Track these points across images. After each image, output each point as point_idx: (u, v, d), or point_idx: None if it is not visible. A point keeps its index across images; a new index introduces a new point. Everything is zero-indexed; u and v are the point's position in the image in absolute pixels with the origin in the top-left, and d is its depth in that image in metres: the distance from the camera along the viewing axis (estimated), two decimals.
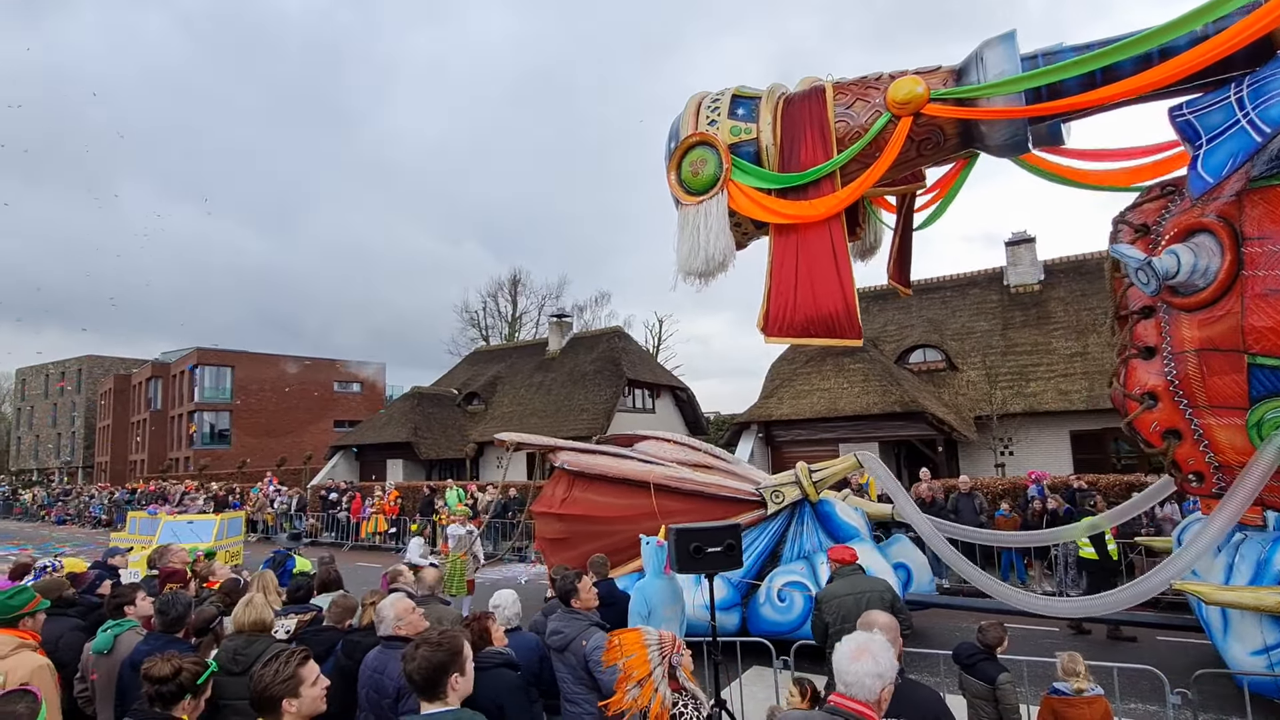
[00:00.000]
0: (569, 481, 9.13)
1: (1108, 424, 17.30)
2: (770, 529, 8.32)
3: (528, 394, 28.01)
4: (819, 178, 7.12)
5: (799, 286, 7.15)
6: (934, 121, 6.86)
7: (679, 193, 7.48)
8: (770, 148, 7.31)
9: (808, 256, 7.18)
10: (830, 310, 7.04)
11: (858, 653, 2.46)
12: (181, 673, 2.83)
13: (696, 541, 5.33)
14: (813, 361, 19.99)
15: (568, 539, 8.86)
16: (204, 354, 45.49)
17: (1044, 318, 19.48)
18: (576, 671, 3.97)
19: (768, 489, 8.31)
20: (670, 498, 8.41)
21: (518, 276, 50.40)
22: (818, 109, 7.27)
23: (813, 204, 7.16)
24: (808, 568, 7.90)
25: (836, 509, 8.34)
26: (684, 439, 10.16)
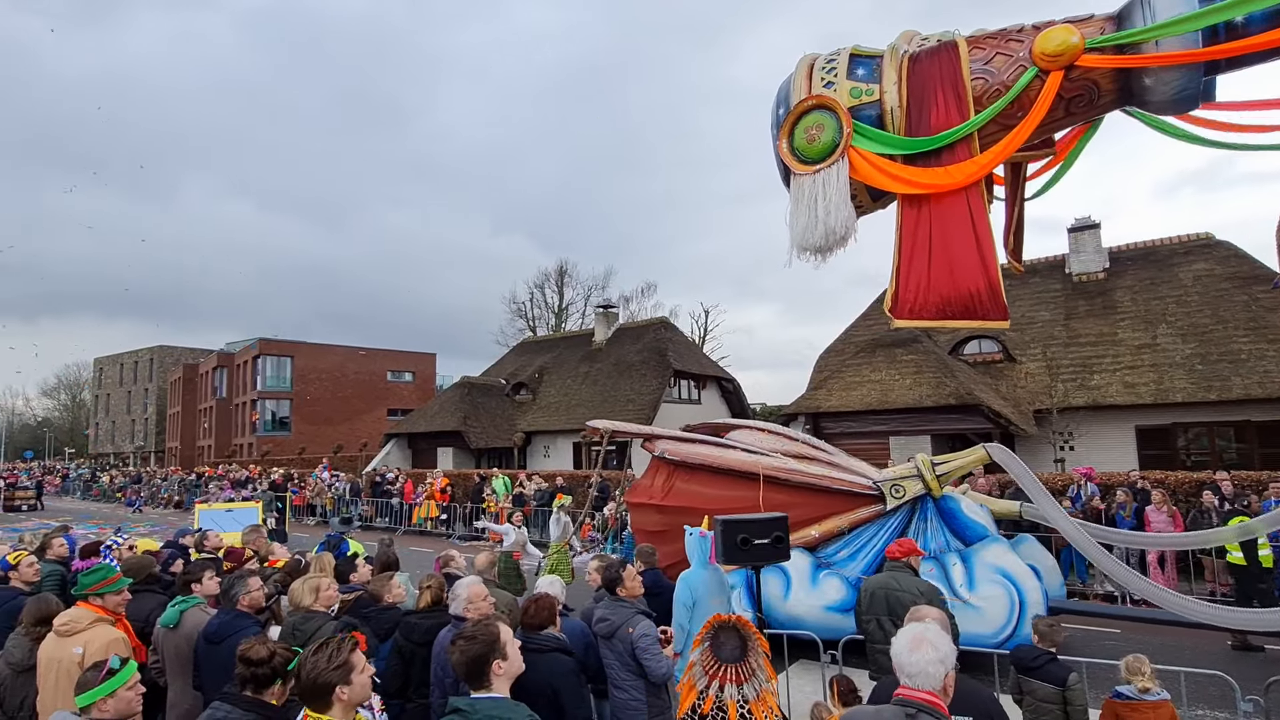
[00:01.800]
0: (669, 472, 8.67)
1: (1176, 419, 16.51)
2: (889, 525, 7.72)
3: (574, 384, 28.25)
4: (954, 142, 6.48)
5: (933, 263, 6.54)
6: (1088, 75, 6.18)
7: (792, 162, 6.90)
8: (896, 110, 6.70)
9: (942, 229, 6.56)
10: (971, 289, 6.41)
11: (916, 643, 2.44)
12: (275, 657, 2.88)
13: (744, 533, 5.30)
14: (863, 353, 19.60)
15: (668, 532, 8.18)
16: (266, 344, 47.28)
17: (1109, 307, 18.65)
18: (624, 658, 4.01)
19: (886, 483, 7.73)
20: (779, 490, 7.90)
21: (564, 268, 50.89)
22: (951, 66, 6.59)
23: (948, 170, 6.50)
24: (938, 569, 7.23)
25: (962, 505, 7.74)
26: (778, 429, 9.60)
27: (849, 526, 7.65)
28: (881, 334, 20.17)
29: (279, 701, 2.91)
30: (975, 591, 6.89)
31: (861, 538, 7.66)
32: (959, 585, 6.96)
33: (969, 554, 7.21)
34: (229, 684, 2.98)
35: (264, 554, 6.41)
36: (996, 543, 7.40)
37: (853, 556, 7.64)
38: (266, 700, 2.86)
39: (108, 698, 2.76)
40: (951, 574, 7.09)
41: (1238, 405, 15.59)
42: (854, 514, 7.68)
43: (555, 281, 50.53)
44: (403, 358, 54.27)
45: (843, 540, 7.73)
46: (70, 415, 78.78)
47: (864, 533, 7.69)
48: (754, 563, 5.52)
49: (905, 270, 6.66)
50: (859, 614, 5.43)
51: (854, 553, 7.66)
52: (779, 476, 7.96)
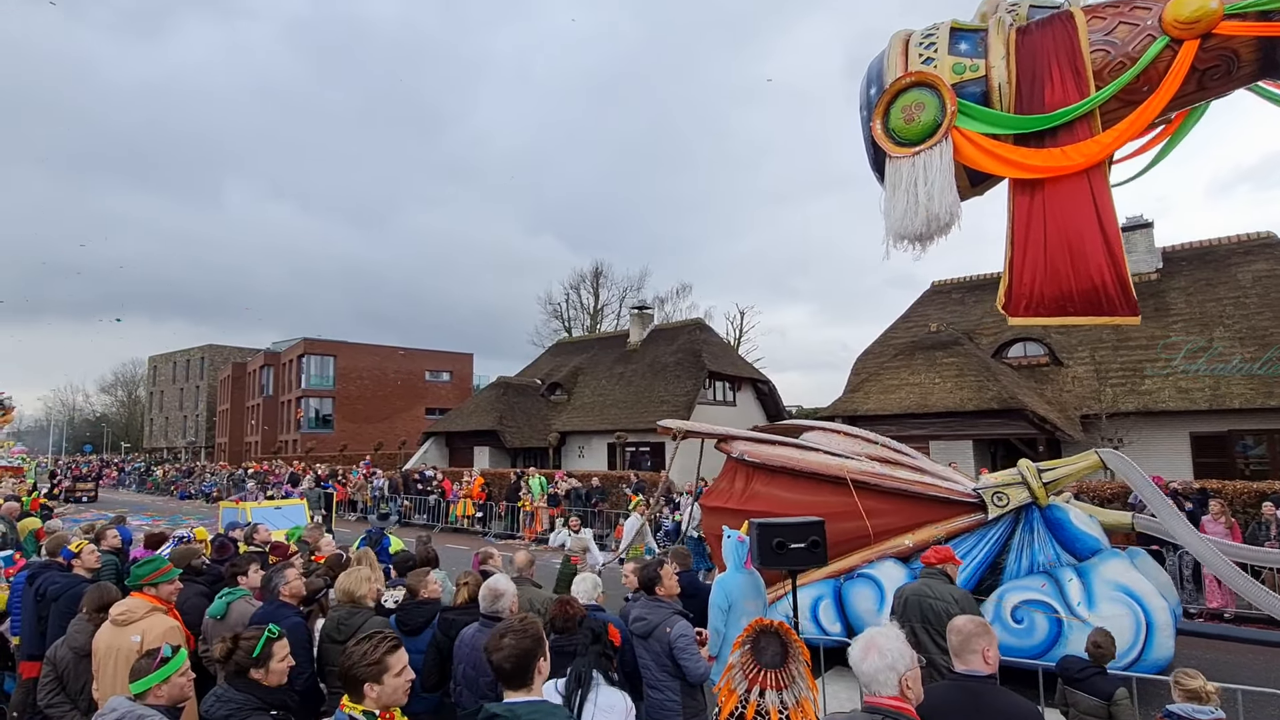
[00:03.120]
0: (748, 474, 8.25)
1: (1234, 425, 15.86)
2: (990, 536, 7.15)
3: (609, 385, 28.35)
4: (1072, 119, 5.91)
5: (1050, 254, 6.02)
6: (1227, 44, 5.64)
7: (887, 144, 6.45)
8: (1004, 86, 6.19)
9: (1061, 216, 6.01)
10: (1096, 281, 5.86)
11: (865, 650, 2.46)
12: (236, 650, 2.98)
13: (780, 537, 5.26)
14: (902, 355, 19.27)
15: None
16: (310, 344, 48.53)
17: (1161, 309, 18.01)
18: (660, 659, 4.01)
19: (988, 490, 7.16)
20: (868, 496, 7.42)
21: (599, 269, 51.15)
22: (1067, 38, 6.06)
23: (1065, 152, 5.94)
24: (1052, 585, 6.63)
25: (1071, 516, 7.08)
26: (856, 431, 9.12)
27: (946, 536, 7.13)
28: (921, 336, 19.81)
29: (271, 682, 3.00)
30: (1095, 611, 6.32)
31: (960, 549, 7.03)
32: (1076, 603, 6.40)
33: (1087, 569, 6.63)
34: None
35: (314, 548, 6.56)
36: (1117, 557, 6.75)
37: None
38: (258, 682, 2.96)
39: (162, 684, 2.88)
40: (1067, 590, 6.48)
41: None
42: (951, 523, 7.17)
43: (590, 282, 50.86)
44: (441, 358, 55.16)
45: None
46: (126, 411, 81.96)
47: (962, 543, 7.11)
48: (789, 567, 5.48)
49: (1019, 262, 6.16)
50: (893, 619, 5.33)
51: None
52: (868, 481, 7.48)
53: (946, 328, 19.96)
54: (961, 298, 22.25)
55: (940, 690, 2.90)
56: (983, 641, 3.01)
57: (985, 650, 2.98)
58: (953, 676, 3.04)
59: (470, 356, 57.69)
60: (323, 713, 3.17)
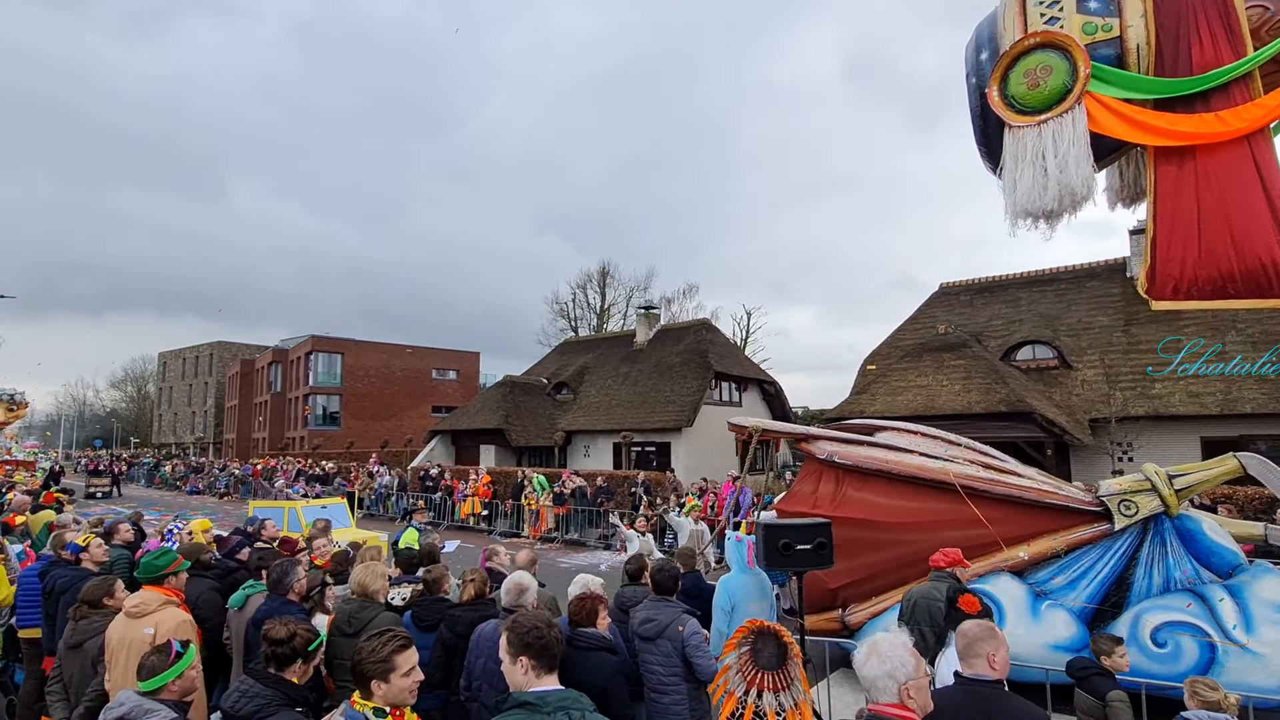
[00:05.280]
0: (837, 478, 7.57)
1: (1245, 430, 15.72)
2: (1117, 548, 6.51)
3: (615, 384, 28.37)
4: (1226, 82, 5.37)
5: (1206, 230, 5.44)
6: None
7: (1006, 112, 5.94)
8: (1143, 47, 5.68)
9: (1217, 188, 5.43)
10: (1264, 259, 5.29)
11: (867, 655, 2.45)
12: (295, 637, 3.00)
13: (785, 538, 5.25)
14: (909, 357, 19.20)
15: (841, 546, 7.35)
16: (318, 341, 48.74)
17: (1173, 313, 17.82)
18: (670, 659, 4.00)
19: (1113, 498, 6.53)
20: (977, 503, 6.83)
21: (606, 268, 51.18)
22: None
23: (1221, 117, 5.38)
24: (1199, 605, 5.93)
25: (1204, 527, 6.47)
26: (933, 431, 8.48)
27: (1065, 548, 6.60)
28: (929, 338, 19.73)
29: (300, 680, 3.01)
30: (1255, 635, 5.71)
31: (1082, 562, 6.54)
32: (1232, 627, 5.77)
33: (1239, 588, 5.97)
34: (255, 660, 3.11)
35: (314, 550, 6.46)
36: (1272, 574, 6.09)
37: (1072, 584, 6.49)
38: (287, 678, 2.95)
39: (175, 680, 2.91)
40: (1220, 611, 5.83)
41: None
42: (1071, 533, 6.58)
43: (597, 282, 50.90)
44: (447, 356, 55.31)
45: (1057, 565, 6.60)
46: (136, 406, 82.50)
47: (1085, 556, 6.54)
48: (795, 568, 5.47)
49: (1165, 240, 5.62)
50: (901, 622, 5.30)
51: (1073, 580, 6.51)
52: (977, 487, 6.88)
53: (954, 330, 19.88)
54: (970, 300, 22.15)
55: (947, 694, 2.90)
56: (988, 646, 2.99)
57: (991, 655, 2.96)
58: (959, 680, 3.03)
59: (477, 355, 57.82)
60: (326, 707, 3.18)
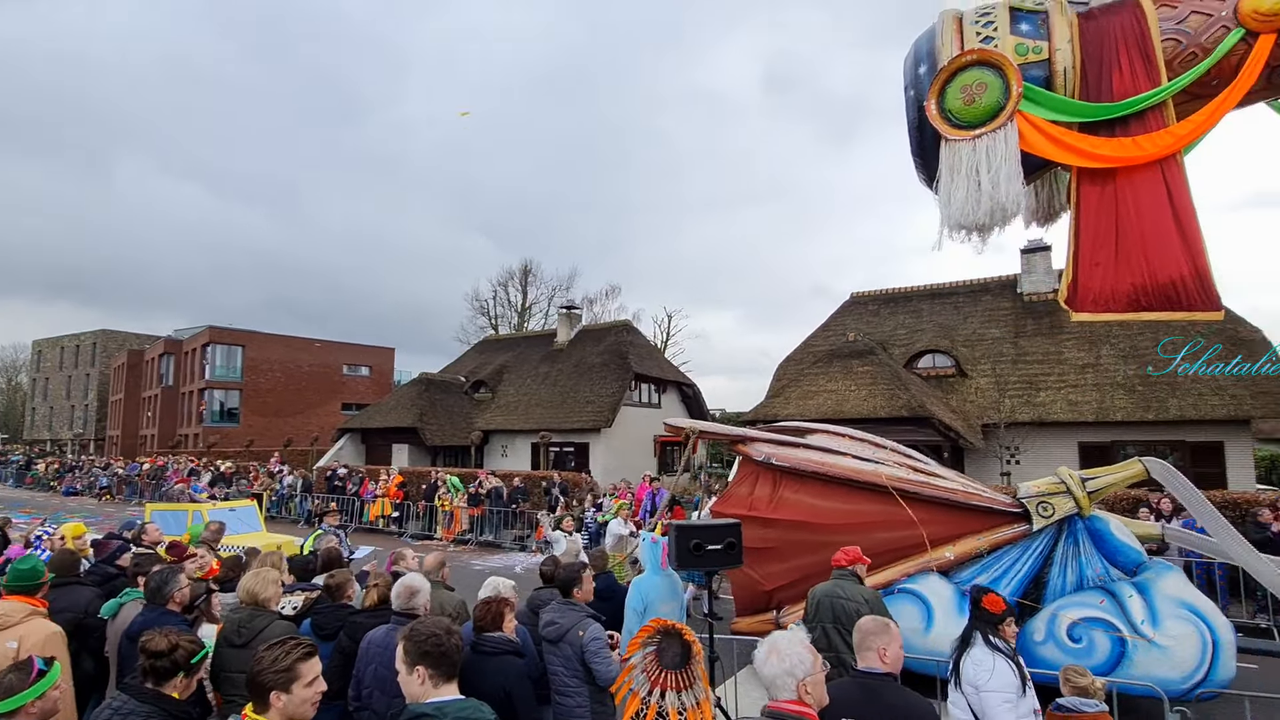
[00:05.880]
0: (774, 480, 7.60)
1: (1116, 436, 17.20)
2: (1035, 548, 6.77)
3: (534, 384, 28.10)
4: (1143, 109, 5.72)
5: (1122, 247, 5.77)
6: None
7: (943, 126, 6.09)
8: (1069, 71, 5.92)
9: (1132, 209, 5.77)
10: (1172, 276, 5.63)
11: (768, 654, 2.53)
12: (178, 649, 2.80)
13: (697, 538, 5.35)
14: (820, 363, 19.94)
15: (777, 548, 7.25)
16: (216, 333, 45.84)
17: (1056, 327, 19.34)
18: (571, 663, 4.00)
19: (1032, 499, 6.79)
20: (909, 505, 7.02)
21: (529, 267, 50.63)
22: (1136, 25, 5.84)
23: (1137, 142, 5.71)
24: (1111, 602, 6.21)
25: (1112, 527, 6.78)
26: (861, 434, 8.65)
27: (988, 548, 6.84)
28: (839, 345, 20.54)
29: (182, 695, 2.81)
30: (1160, 629, 6.00)
31: (1003, 561, 6.80)
32: (1140, 621, 6.04)
33: (1146, 584, 6.30)
34: (131, 674, 2.88)
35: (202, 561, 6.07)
36: (1173, 571, 6.45)
37: (994, 583, 6.64)
38: (167, 693, 2.75)
39: (35, 700, 2.64)
40: (1129, 607, 6.11)
41: (1173, 425, 16.33)
42: (994, 534, 6.83)
43: (519, 280, 50.28)
44: (360, 351, 53.22)
45: (980, 564, 6.85)
46: (5, 399, 75.18)
47: (1005, 555, 6.80)
48: (706, 568, 5.58)
49: (1088, 256, 5.86)
50: (806, 622, 5.47)
51: (995, 578, 6.74)
52: (907, 489, 7.07)
53: (863, 338, 20.79)
54: (878, 309, 23.25)
55: (840, 687, 3.04)
56: (880, 640, 3.15)
57: (883, 650, 3.11)
58: (853, 674, 3.18)
59: (392, 351, 55.91)
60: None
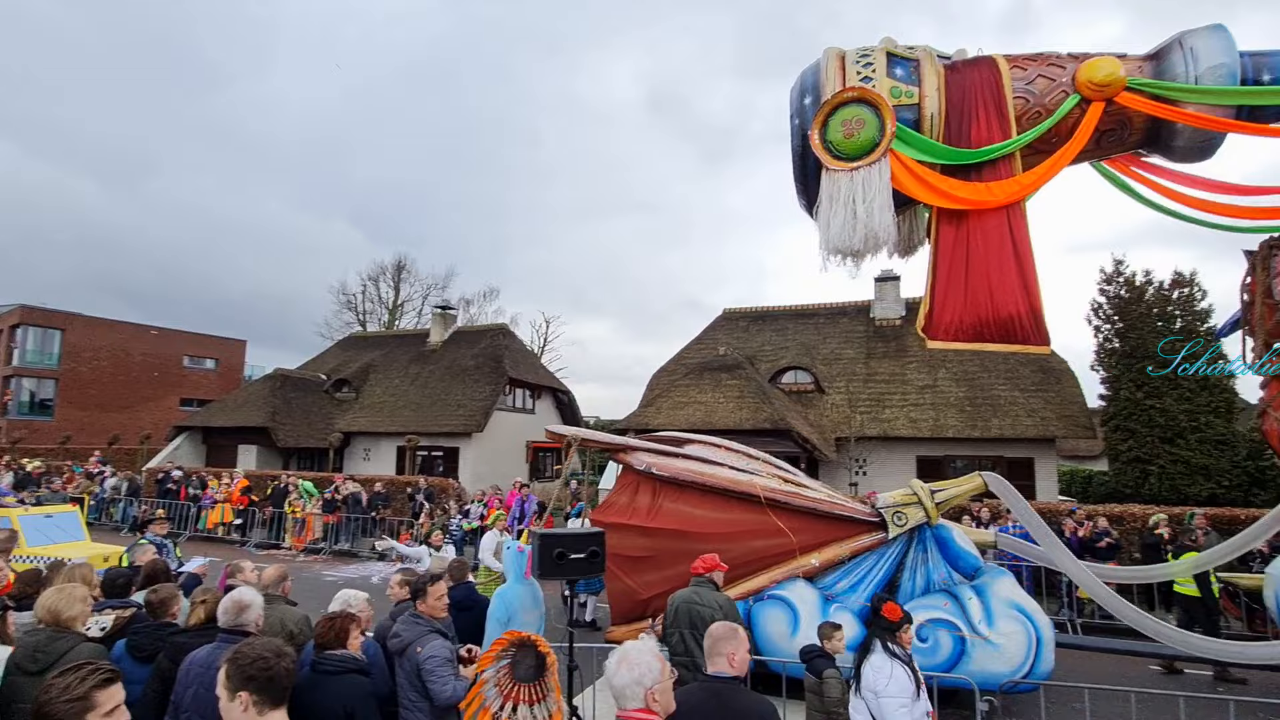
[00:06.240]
0: (654, 489, 7.72)
1: (948, 451, 19.04)
2: (890, 554, 7.21)
3: (403, 385, 26.94)
4: (995, 158, 6.26)
5: (971, 283, 6.27)
6: (1124, 112, 6.23)
7: (825, 156, 6.40)
8: (935, 117, 6.39)
9: (982, 248, 6.27)
10: (1011, 312, 6.20)
11: (618, 664, 2.59)
12: None
13: (560, 547, 5.36)
14: (691, 375, 20.60)
15: (654, 557, 7.37)
16: (29, 313, 40.17)
17: (901, 350, 21.16)
18: (412, 679, 3.87)
19: (889, 509, 7.23)
20: (780, 514, 7.30)
21: (403, 262, 48.40)
22: (993, 81, 6.40)
23: (989, 187, 6.22)
24: (954, 604, 6.66)
25: (954, 534, 7.28)
26: (738, 446, 8.87)
27: (849, 555, 7.22)
28: (710, 358, 21.32)
29: None
30: (995, 628, 6.48)
31: (862, 567, 7.21)
32: (977, 621, 6.50)
33: (983, 588, 6.83)
34: None
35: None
36: (1005, 575, 7.05)
37: (854, 588, 7.14)
38: None
39: None
40: (968, 609, 6.57)
41: (995, 442, 18.31)
42: (855, 541, 7.22)
43: (392, 276, 47.96)
44: (205, 342, 48.55)
45: (841, 570, 7.25)
46: None
47: (864, 562, 7.22)
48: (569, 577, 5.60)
49: (943, 289, 6.38)
50: (665, 628, 5.61)
51: (855, 583, 7.16)
52: (779, 499, 7.35)
53: (733, 352, 21.71)
54: (747, 326, 24.39)
55: (689, 692, 3.16)
56: (729, 645, 3.28)
57: (731, 654, 3.24)
58: (702, 678, 3.31)
59: (243, 344, 51.45)
60: None
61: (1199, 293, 17.11)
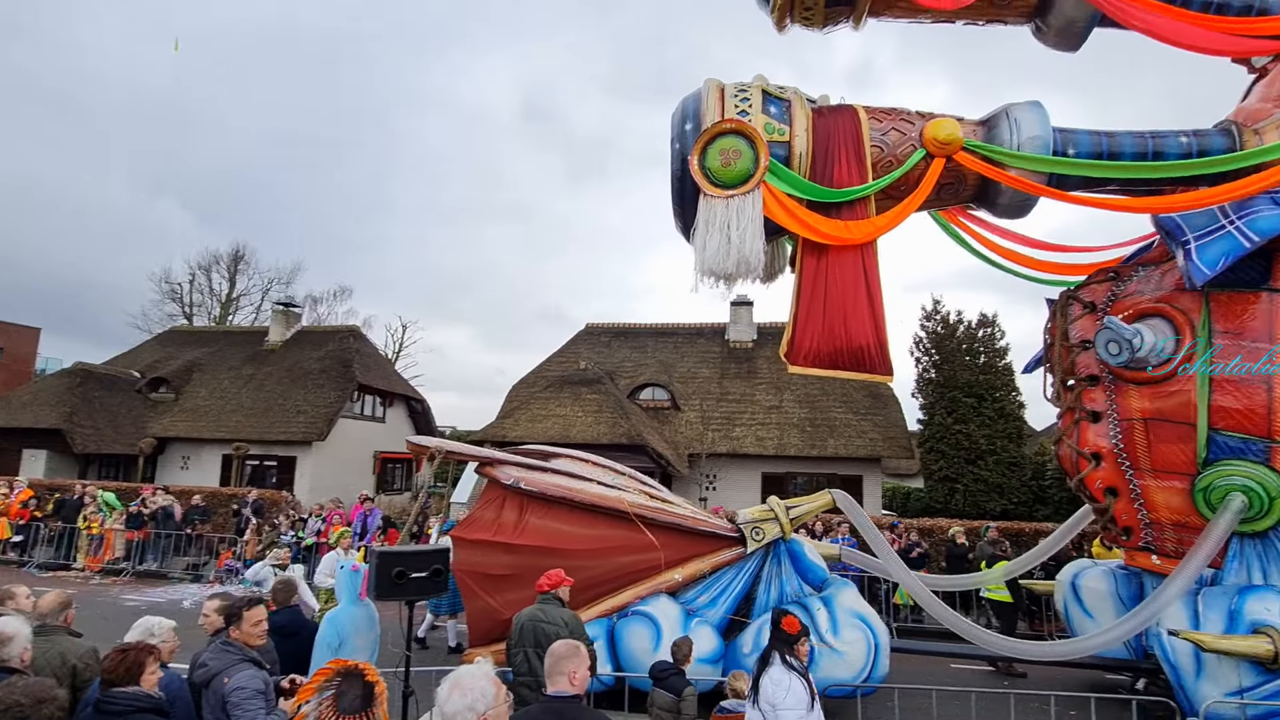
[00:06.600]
0: (520, 505, 7.50)
1: (790, 468, 20.32)
2: (748, 568, 7.45)
3: (234, 387, 24.58)
4: (854, 200, 6.74)
5: (829, 314, 6.68)
6: (960, 169, 6.87)
7: (703, 181, 6.68)
8: (804, 156, 6.79)
9: (839, 282, 6.70)
10: (861, 343, 6.63)
11: (450, 690, 2.57)
12: None
13: (400, 566, 5.13)
14: (552, 388, 20.54)
15: (519, 575, 7.02)
16: None
17: (752, 372, 22.37)
18: (216, 713, 3.54)
19: (748, 525, 7.45)
20: (646, 529, 7.33)
21: (241, 252, 44.09)
22: (853, 129, 6.90)
23: (849, 226, 6.66)
24: (804, 614, 6.85)
25: (805, 548, 7.61)
26: (604, 461, 8.84)
27: (710, 570, 7.39)
28: (571, 372, 21.38)
29: None
30: (839, 637, 6.82)
31: (721, 581, 7.40)
32: (824, 630, 6.81)
33: (829, 599, 7.19)
34: None
35: None
36: (849, 587, 7.46)
37: (713, 602, 7.33)
38: None
39: None
40: (816, 619, 6.88)
41: (831, 461, 19.77)
42: (716, 556, 7.39)
43: (227, 266, 43.58)
44: None
45: (702, 585, 7.41)
46: None
47: (723, 576, 7.40)
48: (409, 598, 5.36)
49: (804, 317, 6.75)
50: (510, 647, 5.48)
51: (715, 597, 7.35)
52: (646, 515, 7.38)
53: (594, 367, 21.90)
54: (609, 341, 24.72)
55: (529, 714, 3.11)
56: (571, 664, 3.28)
57: (573, 673, 3.24)
58: (542, 698, 3.28)
59: (35, 332, 44.52)
60: None
61: (999, 332, 19.55)
